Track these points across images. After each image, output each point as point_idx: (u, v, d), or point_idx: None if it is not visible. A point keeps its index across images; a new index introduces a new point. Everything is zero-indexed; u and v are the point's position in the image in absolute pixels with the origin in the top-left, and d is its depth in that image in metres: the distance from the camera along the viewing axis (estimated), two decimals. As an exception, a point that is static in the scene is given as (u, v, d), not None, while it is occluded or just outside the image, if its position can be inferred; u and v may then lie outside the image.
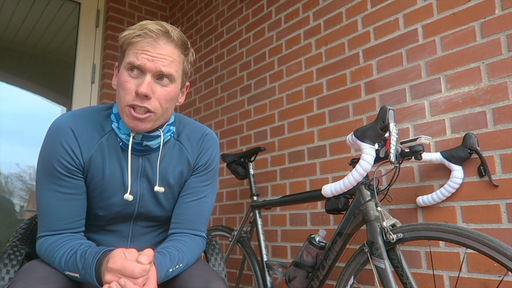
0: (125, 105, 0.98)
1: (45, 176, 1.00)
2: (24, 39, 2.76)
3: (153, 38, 0.97)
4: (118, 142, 1.05)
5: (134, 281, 0.83)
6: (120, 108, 1.00)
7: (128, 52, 0.99)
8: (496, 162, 1.29)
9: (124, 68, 0.99)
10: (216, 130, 2.58)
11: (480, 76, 1.36)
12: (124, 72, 0.99)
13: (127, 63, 0.97)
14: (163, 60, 0.97)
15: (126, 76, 0.98)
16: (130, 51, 0.98)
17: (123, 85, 0.98)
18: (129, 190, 1.03)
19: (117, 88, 1.02)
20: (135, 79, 0.97)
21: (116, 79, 1.04)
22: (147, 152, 1.07)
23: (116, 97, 1.02)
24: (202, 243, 1.15)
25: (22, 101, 2.70)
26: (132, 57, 0.97)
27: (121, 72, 1.00)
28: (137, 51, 0.97)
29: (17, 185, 2.61)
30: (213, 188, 1.19)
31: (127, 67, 0.98)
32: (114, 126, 1.04)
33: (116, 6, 3.02)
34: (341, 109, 1.81)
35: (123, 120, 1.00)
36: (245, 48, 2.43)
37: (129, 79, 0.97)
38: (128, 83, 0.97)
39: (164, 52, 0.98)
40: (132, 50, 0.98)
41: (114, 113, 1.05)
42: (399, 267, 1.20)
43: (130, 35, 0.98)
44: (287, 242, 1.98)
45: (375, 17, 1.72)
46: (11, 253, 1.03)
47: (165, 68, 0.97)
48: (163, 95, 0.99)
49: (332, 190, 1.25)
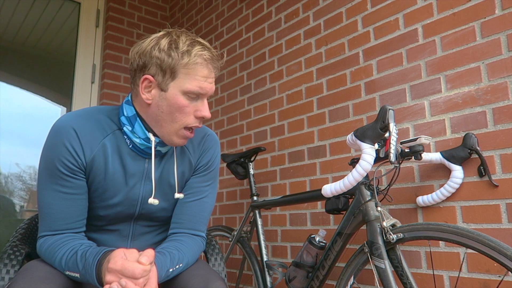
0: (181, 127, 1.03)
1: (47, 176, 1.00)
2: (24, 39, 2.76)
3: (209, 64, 1.02)
4: (126, 144, 1.05)
5: (135, 281, 0.83)
6: (171, 127, 1.02)
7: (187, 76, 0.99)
8: (496, 162, 1.29)
9: (181, 92, 1.00)
10: (216, 130, 2.58)
11: (480, 76, 1.36)
12: (180, 96, 1.00)
13: (189, 90, 0.99)
14: (213, 83, 1.05)
15: (184, 101, 1.01)
16: (190, 76, 0.99)
17: (182, 110, 1.01)
18: (153, 194, 1.07)
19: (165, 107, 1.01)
20: (191, 102, 1.02)
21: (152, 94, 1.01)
22: (156, 156, 1.09)
23: (165, 116, 1.02)
24: (202, 243, 1.16)
25: (22, 101, 2.70)
26: (195, 86, 1.00)
27: (175, 94, 0.99)
28: (199, 79, 1.00)
29: (17, 185, 2.61)
30: (213, 188, 1.19)
31: (187, 93, 1.00)
32: (127, 130, 1.04)
33: (116, 6, 3.02)
34: (341, 109, 1.81)
35: (171, 139, 1.04)
36: (245, 48, 2.43)
37: (188, 103, 1.01)
38: (188, 108, 1.02)
39: (213, 76, 1.05)
40: (193, 77, 0.99)
41: (127, 116, 1.05)
42: (399, 267, 1.20)
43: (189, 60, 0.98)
44: (287, 242, 1.98)
45: (375, 17, 1.72)
46: (11, 253, 1.03)
47: (213, 90, 1.06)
48: None
49: (332, 190, 1.25)
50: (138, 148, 1.05)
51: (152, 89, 1.01)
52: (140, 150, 1.06)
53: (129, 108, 1.05)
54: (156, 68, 0.99)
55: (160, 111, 1.01)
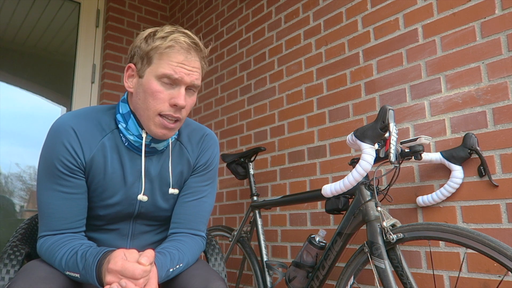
0: (155, 114, 1.00)
1: (46, 175, 1.00)
2: (24, 39, 2.76)
3: (187, 51, 1.00)
4: (123, 142, 1.05)
5: (135, 282, 0.83)
6: (146, 114, 1.01)
7: (160, 61, 0.98)
8: (496, 162, 1.29)
9: (156, 77, 0.99)
10: (216, 130, 2.58)
11: (480, 76, 1.36)
12: (154, 81, 0.99)
13: (161, 73, 0.98)
14: (196, 73, 1.02)
15: (158, 86, 0.99)
16: (163, 61, 0.98)
17: (155, 95, 0.99)
18: (142, 191, 1.06)
19: (141, 93, 1.01)
20: (167, 90, 1.00)
21: (133, 82, 1.04)
22: (151, 153, 1.08)
23: (140, 103, 1.02)
24: (202, 243, 1.15)
25: (22, 101, 2.70)
26: (168, 69, 0.97)
27: (150, 79, 0.99)
28: (172, 63, 0.98)
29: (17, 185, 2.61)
30: (213, 188, 1.19)
31: (160, 77, 0.98)
32: (122, 127, 1.04)
33: (116, 6, 3.02)
34: (341, 109, 1.81)
35: (150, 128, 1.01)
36: (245, 48, 2.43)
37: (162, 89, 0.99)
38: (161, 93, 0.99)
39: (196, 65, 1.02)
40: (166, 62, 0.98)
41: (122, 113, 1.05)
42: (399, 267, 1.20)
43: (161, 45, 0.98)
44: (287, 242, 1.98)
45: (375, 17, 1.72)
46: (11, 253, 1.03)
47: (197, 81, 1.02)
48: (190, 105, 1.04)
49: (332, 190, 1.25)
50: (134, 145, 1.05)
51: (134, 78, 1.04)
52: (136, 148, 1.05)
53: (124, 105, 1.06)
54: (137, 57, 1.02)
55: (137, 99, 1.02)
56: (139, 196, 1.05)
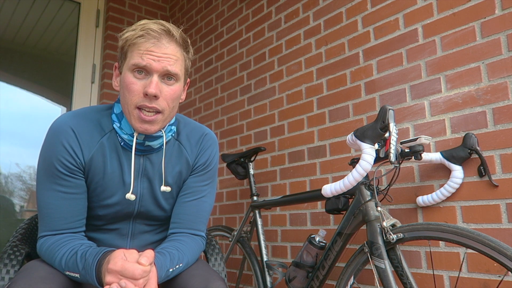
0: (133, 107, 0.98)
1: (45, 175, 1.00)
2: (24, 39, 2.76)
3: (156, 38, 0.97)
4: (119, 142, 1.05)
5: (134, 282, 0.83)
6: (126, 110, 1.00)
7: (131, 53, 0.98)
8: (496, 162, 1.29)
9: (129, 69, 0.98)
10: (216, 130, 2.58)
11: (480, 76, 1.36)
12: (128, 74, 0.98)
13: (131, 64, 0.97)
14: (169, 60, 0.98)
15: (131, 78, 0.98)
16: (134, 52, 0.98)
17: (129, 87, 0.98)
18: (131, 189, 1.04)
19: (121, 89, 1.02)
20: (141, 80, 0.98)
21: (118, 80, 1.05)
22: (149, 152, 1.08)
23: (121, 99, 1.02)
24: (202, 242, 1.15)
25: (22, 101, 2.70)
26: (136, 58, 0.96)
27: (125, 73, 1.00)
28: (141, 52, 0.96)
29: (17, 185, 2.61)
30: (212, 188, 1.19)
31: (132, 69, 0.98)
32: (116, 126, 1.04)
33: (116, 6, 3.02)
34: (341, 109, 1.81)
35: (132, 123, 1.00)
36: (245, 48, 2.43)
37: (135, 80, 0.98)
38: (134, 85, 0.97)
39: (168, 52, 0.98)
40: (136, 51, 0.97)
41: (116, 113, 1.05)
42: (399, 267, 1.20)
43: (131, 36, 0.98)
44: (287, 242, 1.98)
45: (375, 17, 1.72)
46: (11, 253, 1.03)
47: (171, 67, 0.98)
48: (169, 95, 1.00)
49: (332, 190, 1.25)
50: (128, 145, 1.05)
51: (118, 77, 1.05)
52: (131, 147, 1.05)
53: (118, 105, 1.07)
54: (118, 55, 1.04)
55: (121, 96, 1.02)
56: (127, 195, 1.04)
